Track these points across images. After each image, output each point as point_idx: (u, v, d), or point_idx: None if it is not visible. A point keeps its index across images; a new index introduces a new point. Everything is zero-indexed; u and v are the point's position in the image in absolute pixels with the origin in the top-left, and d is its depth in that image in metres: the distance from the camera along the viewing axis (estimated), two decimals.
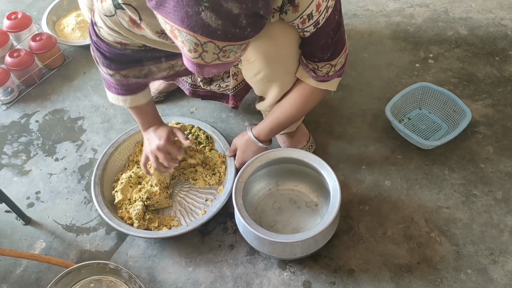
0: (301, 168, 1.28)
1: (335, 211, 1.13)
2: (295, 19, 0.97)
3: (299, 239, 1.11)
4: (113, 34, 1.03)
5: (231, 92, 1.39)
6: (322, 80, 1.14)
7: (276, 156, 1.25)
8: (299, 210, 1.31)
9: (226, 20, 0.75)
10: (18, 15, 1.81)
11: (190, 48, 0.79)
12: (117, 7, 0.93)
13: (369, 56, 1.71)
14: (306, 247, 1.16)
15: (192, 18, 0.74)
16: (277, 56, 1.09)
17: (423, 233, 1.28)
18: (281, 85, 1.18)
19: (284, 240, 1.11)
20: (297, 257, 1.22)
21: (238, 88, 1.38)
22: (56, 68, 1.81)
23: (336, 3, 1.00)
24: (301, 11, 0.95)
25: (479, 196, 1.34)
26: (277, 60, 1.11)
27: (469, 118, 1.41)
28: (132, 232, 1.27)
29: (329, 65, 1.10)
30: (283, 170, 1.31)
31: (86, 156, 1.54)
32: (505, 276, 1.20)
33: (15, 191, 1.47)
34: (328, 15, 0.98)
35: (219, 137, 1.44)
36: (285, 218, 1.30)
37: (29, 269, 1.31)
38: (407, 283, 1.20)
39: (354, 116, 1.55)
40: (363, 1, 1.93)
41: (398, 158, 1.44)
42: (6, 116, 1.69)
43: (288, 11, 0.96)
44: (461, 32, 1.77)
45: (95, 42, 1.10)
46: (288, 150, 1.26)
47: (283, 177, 1.34)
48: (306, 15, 0.96)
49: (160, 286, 1.25)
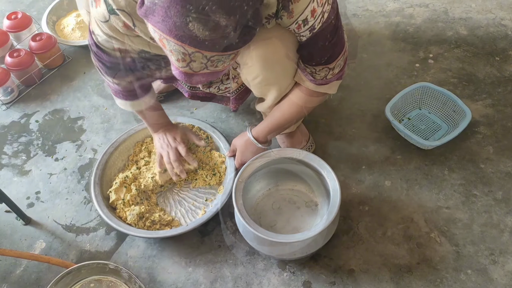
0: (301, 168, 1.28)
1: (335, 211, 1.13)
2: (291, 24, 0.97)
3: (299, 239, 1.11)
4: (110, 41, 1.03)
5: (232, 95, 1.39)
6: (320, 84, 1.14)
7: (276, 156, 1.25)
8: (299, 210, 1.31)
9: (213, 31, 0.75)
10: (18, 15, 1.81)
11: (178, 58, 0.80)
12: (111, 13, 0.94)
13: (369, 57, 1.71)
14: (306, 247, 1.16)
15: (180, 29, 0.75)
16: (275, 60, 1.09)
17: (423, 233, 1.28)
18: (279, 88, 1.18)
19: (283, 240, 1.11)
20: (297, 257, 1.22)
21: (239, 91, 1.38)
22: (56, 68, 1.81)
23: (333, 8, 0.99)
24: (295, 16, 0.95)
25: (479, 196, 1.34)
26: (275, 64, 1.11)
27: (469, 118, 1.41)
28: (132, 232, 1.27)
29: (327, 68, 1.10)
30: (282, 170, 1.31)
31: (86, 156, 1.54)
32: (505, 276, 1.20)
33: (15, 191, 1.47)
34: (324, 20, 0.98)
35: (219, 137, 1.44)
36: (284, 218, 1.30)
37: (29, 269, 1.31)
38: (407, 283, 1.20)
39: (354, 117, 1.55)
40: (363, 1, 1.93)
41: (398, 158, 1.44)
42: (6, 116, 1.69)
43: (283, 16, 0.96)
44: (461, 32, 1.77)
45: (95, 53, 1.11)
46: (288, 150, 1.26)
47: (282, 177, 1.34)
48: (301, 21, 0.96)
49: (160, 286, 1.25)
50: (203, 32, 0.75)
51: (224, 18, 0.74)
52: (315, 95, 1.18)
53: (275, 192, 1.35)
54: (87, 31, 1.89)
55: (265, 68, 1.11)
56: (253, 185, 1.32)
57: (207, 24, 0.74)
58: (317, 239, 1.15)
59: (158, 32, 0.78)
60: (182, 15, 0.73)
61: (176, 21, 0.74)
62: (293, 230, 1.27)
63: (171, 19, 0.74)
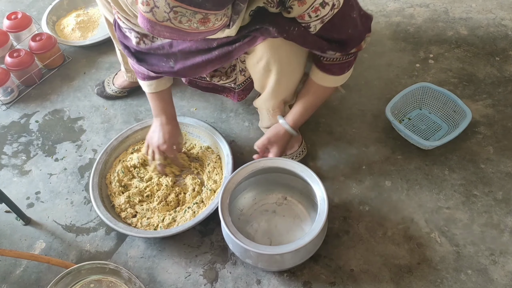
0: (288, 178, 1.28)
1: (322, 221, 1.12)
2: (305, 10, 0.96)
3: (287, 250, 1.10)
4: (125, 23, 1.09)
5: (238, 88, 1.39)
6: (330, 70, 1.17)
7: (264, 166, 1.24)
8: (287, 220, 1.30)
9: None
10: (18, 15, 1.81)
11: (143, 0, 0.80)
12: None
13: (369, 57, 1.71)
14: (297, 258, 1.16)
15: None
16: (281, 44, 1.10)
17: (423, 233, 1.28)
18: (280, 73, 1.18)
19: (270, 252, 1.10)
20: (287, 268, 1.21)
21: (245, 84, 1.38)
22: (56, 68, 1.81)
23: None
24: (309, 3, 0.94)
25: (479, 196, 1.34)
26: (281, 48, 1.11)
27: (469, 118, 1.40)
28: (132, 232, 1.27)
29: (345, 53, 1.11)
30: (270, 179, 1.30)
31: (86, 156, 1.54)
32: (505, 276, 1.20)
33: (15, 191, 1.47)
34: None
35: (219, 138, 1.43)
36: (273, 229, 1.29)
37: (29, 269, 1.31)
38: (407, 284, 1.20)
39: (354, 117, 1.55)
40: (363, 1, 1.93)
41: (398, 159, 1.44)
42: (6, 116, 1.69)
43: (293, 5, 0.95)
44: (461, 32, 1.77)
45: (122, 43, 1.18)
46: (276, 160, 1.25)
47: (270, 186, 1.33)
48: (318, 4, 0.95)
49: (160, 286, 1.25)
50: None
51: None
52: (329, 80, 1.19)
53: (262, 202, 1.34)
54: (87, 31, 1.90)
55: (270, 50, 1.11)
56: (240, 195, 1.32)
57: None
58: (308, 247, 1.14)
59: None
60: None
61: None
62: (281, 240, 1.26)
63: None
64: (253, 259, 1.16)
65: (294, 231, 1.28)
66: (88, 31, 1.91)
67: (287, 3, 0.95)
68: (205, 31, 0.85)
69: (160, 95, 1.32)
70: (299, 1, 0.94)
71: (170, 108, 1.36)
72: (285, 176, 1.27)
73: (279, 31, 0.98)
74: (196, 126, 1.49)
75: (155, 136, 1.36)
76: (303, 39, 1.02)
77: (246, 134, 1.54)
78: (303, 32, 1.01)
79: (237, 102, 1.47)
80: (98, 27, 1.93)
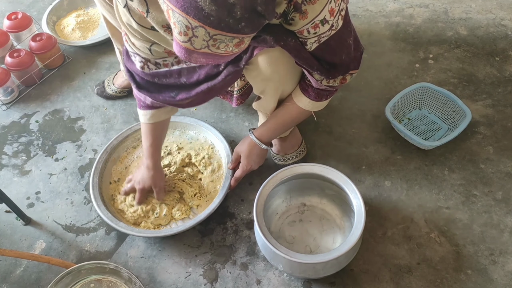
0: (323, 184, 1.27)
1: (360, 231, 1.11)
2: (304, 25, 0.96)
3: (322, 260, 1.09)
4: (131, 47, 1.07)
5: (237, 93, 1.39)
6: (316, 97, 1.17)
7: (300, 171, 1.23)
8: (318, 226, 1.30)
9: (220, 7, 0.74)
10: (18, 15, 1.81)
11: (180, 31, 0.79)
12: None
13: (369, 57, 1.71)
14: (329, 268, 1.15)
15: (187, 0, 0.74)
16: (279, 60, 1.10)
17: (423, 233, 1.28)
18: (279, 82, 1.18)
19: (306, 260, 1.10)
20: (320, 277, 1.21)
21: (244, 89, 1.38)
22: (56, 68, 1.81)
23: (346, 9, 1.00)
24: (310, 17, 0.94)
25: (479, 196, 1.34)
26: (279, 64, 1.11)
27: (469, 118, 1.41)
28: (132, 232, 1.27)
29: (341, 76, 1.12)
30: (302, 185, 1.30)
31: (86, 156, 1.54)
32: (505, 276, 1.20)
33: (15, 191, 1.47)
34: (342, 17, 0.98)
35: (220, 138, 1.44)
36: (305, 235, 1.28)
37: (29, 269, 1.31)
38: (407, 284, 1.20)
39: (354, 117, 1.55)
40: (363, 1, 1.93)
41: (398, 159, 1.44)
42: (6, 116, 1.69)
43: (294, 18, 0.95)
44: (461, 32, 1.77)
45: (128, 70, 1.15)
46: (313, 166, 1.24)
47: (305, 191, 1.32)
48: (318, 21, 0.95)
49: (160, 286, 1.25)
50: (209, 6, 0.74)
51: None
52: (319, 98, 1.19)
53: (285, 215, 1.33)
54: (87, 31, 1.90)
55: (270, 65, 1.11)
56: (273, 199, 1.31)
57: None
58: (340, 259, 1.13)
59: (166, 2, 0.78)
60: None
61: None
62: (318, 243, 1.26)
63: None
64: (294, 269, 1.16)
65: (326, 230, 1.29)
66: (88, 31, 1.91)
67: (289, 15, 0.95)
68: (237, 52, 0.86)
69: (151, 127, 1.27)
70: (301, 14, 0.94)
71: (157, 153, 1.32)
72: (320, 182, 1.27)
73: (276, 39, 0.98)
74: (196, 126, 1.49)
75: (139, 177, 1.33)
76: (297, 52, 1.02)
77: (246, 134, 1.53)
78: (299, 45, 1.01)
79: (236, 106, 1.47)
80: (98, 27, 1.93)
